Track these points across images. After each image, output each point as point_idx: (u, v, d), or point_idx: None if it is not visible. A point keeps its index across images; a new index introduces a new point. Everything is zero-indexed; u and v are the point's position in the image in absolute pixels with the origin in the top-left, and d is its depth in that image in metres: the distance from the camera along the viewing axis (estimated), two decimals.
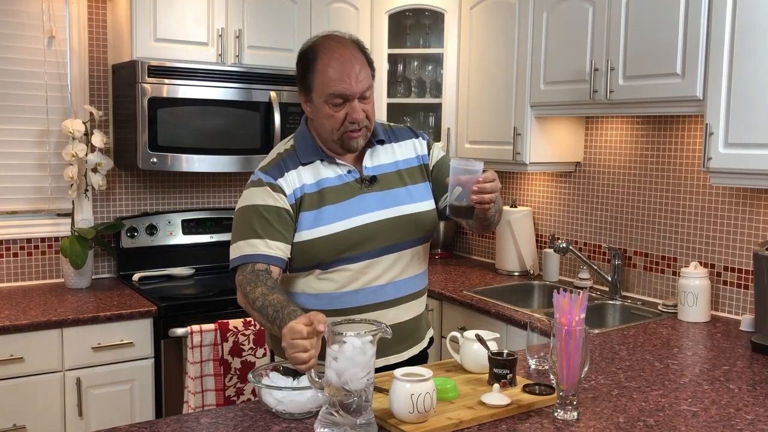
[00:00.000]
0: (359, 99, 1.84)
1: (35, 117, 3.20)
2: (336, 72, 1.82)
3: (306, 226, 1.87)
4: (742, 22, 2.28)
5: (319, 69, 1.84)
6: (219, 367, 2.71)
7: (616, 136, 3.20)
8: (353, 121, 1.84)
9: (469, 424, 1.61)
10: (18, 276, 3.21)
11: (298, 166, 1.90)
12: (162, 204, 3.52)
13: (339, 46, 1.86)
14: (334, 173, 1.92)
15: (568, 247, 3.11)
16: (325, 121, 1.87)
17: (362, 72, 1.84)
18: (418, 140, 2.06)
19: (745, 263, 2.71)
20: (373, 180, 1.94)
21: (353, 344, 1.44)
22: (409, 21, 3.71)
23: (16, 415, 2.62)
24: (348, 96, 1.83)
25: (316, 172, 1.91)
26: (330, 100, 1.84)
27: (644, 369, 2.09)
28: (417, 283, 2.03)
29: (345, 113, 1.84)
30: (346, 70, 1.82)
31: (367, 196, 1.91)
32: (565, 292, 1.64)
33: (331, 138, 1.89)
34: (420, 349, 2.07)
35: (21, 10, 3.14)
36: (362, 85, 1.83)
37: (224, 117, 3.17)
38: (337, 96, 1.83)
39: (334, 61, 1.83)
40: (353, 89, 1.82)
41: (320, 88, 1.84)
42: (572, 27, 2.91)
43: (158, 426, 1.61)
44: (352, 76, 1.82)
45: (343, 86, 1.82)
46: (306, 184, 1.89)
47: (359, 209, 1.90)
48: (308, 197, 1.88)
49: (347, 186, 1.92)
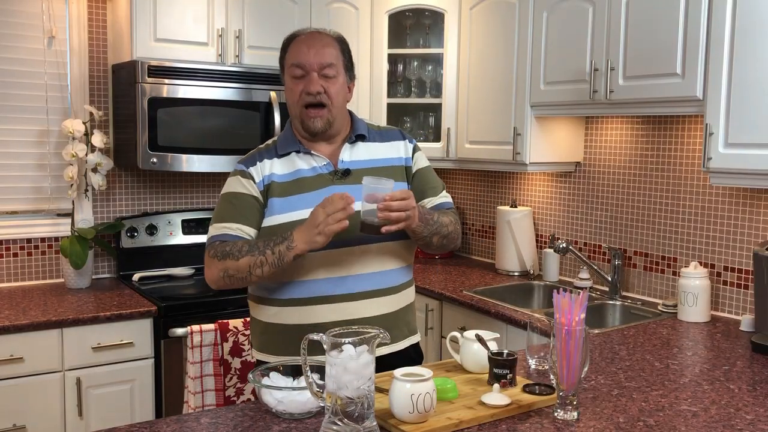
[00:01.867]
0: (320, 75, 1.93)
1: (35, 117, 3.20)
2: (299, 44, 1.95)
3: (275, 212, 1.94)
4: (742, 22, 2.28)
5: (290, 47, 1.98)
6: (219, 367, 2.72)
7: (616, 136, 3.20)
8: (309, 92, 1.92)
9: (469, 424, 1.61)
10: (18, 276, 3.21)
11: (273, 157, 1.99)
12: (162, 204, 3.52)
13: (314, 32, 1.99)
14: (308, 165, 1.99)
15: (568, 247, 3.11)
16: (288, 96, 1.98)
17: (326, 49, 1.94)
18: (405, 142, 2.10)
19: (745, 263, 2.71)
20: (346, 173, 1.98)
21: (347, 351, 1.44)
22: (409, 21, 3.71)
23: (16, 415, 2.62)
24: (305, 66, 1.92)
25: (291, 163, 1.99)
26: (291, 72, 1.95)
27: (644, 369, 2.09)
28: (388, 279, 1.99)
29: (302, 85, 1.93)
30: (307, 43, 1.94)
31: (336, 188, 1.92)
32: (565, 292, 1.64)
33: (295, 115, 1.98)
34: (390, 350, 2.00)
35: (21, 10, 3.14)
36: (322, 58, 1.93)
37: (224, 117, 3.17)
38: (297, 66, 1.93)
39: (302, 38, 1.97)
40: (310, 60, 1.92)
41: (286, 63, 1.98)
42: (572, 27, 2.91)
43: (158, 426, 1.61)
44: (312, 49, 1.93)
45: (301, 56, 1.93)
46: (276, 174, 1.97)
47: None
48: (277, 185, 1.95)
49: (319, 177, 1.97)
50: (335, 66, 1.95)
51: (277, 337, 1.96)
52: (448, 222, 2.02)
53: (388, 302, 2.00)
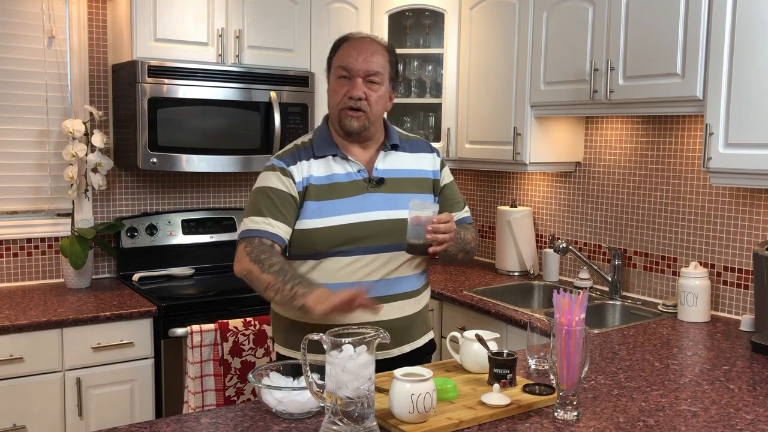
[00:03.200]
0: (364, 80, 1.96)
1: (35, 117, 3.20)
2: (351, 50, 1.98)
3: (309, 215, 1.96)
4: (742, 22, 2.28)
5: (339, 50, 2.02)
6: (219, 367, 2.72)
7: (616, 136, 3.20)
8: (351, 96, 1.96)
9: (469, 424, 1.61)
10: (18, 276, 3.21)
11: (310, 158, 2.01)
12: (162, 204, 3.52)
13: (367, 37, 2.03)
14: (343, 170, 2.01)
15: (568, 247, 3.11)
16: (330, 96, 2.02)
17: (374, 57, 1.97)
18: (434, 156, 2.17)
19: (745, 263, 2.71)
20: (380, 181, 2.03)
21: (347, 351, 1.44)
22: (409, 21, 3.71)
23: (16, 415, 2.62)
24: (351, 70, 1.96)
25: (328, 166, 2.01)
26: (337, 72, 1.98)
27: (644, 369, 2.09)
28: (411, 284, 2.06)
29: (346, 89, 1.97)
30: (358, 48, 1.97)
31: (371, 196, 2.00)
32: (565, 292, 1.64)
33: (334, 115, 2.01)
34: (411, 348, 2.09)
35: (21, 10, 3.14)
36: (369, 65, 1.96)
37: (224, 117, 3.17)
38: (343, 68, 1.97)
39: (353, 43, 2.00)
40: (357, 65, 1.95)
41: (335, 65, 2.01)
42: (572, 27, 2.91)
43: (158, 426, 1.61)
44: (360, 55, 1.96)
45: (349, 60, 1.96)
46: (314, 176, 1.99)
47: (362, 207, 1.97)
48: (314, 188, 1.97)
49: (354, 183, 2.00)
50: (381, 75, 1.99)
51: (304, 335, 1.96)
52: (471, 239, 2.13)
53: (410, 304, 2.07)
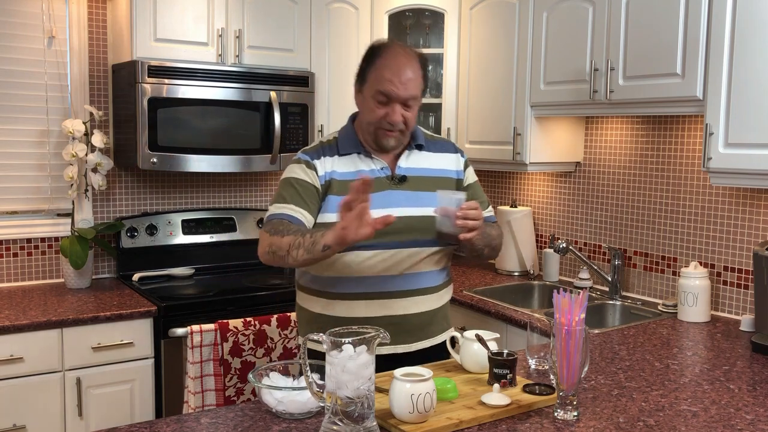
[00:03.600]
0: (402, 104, 1.98)
1: (35, 117, 3.20)
2: (390, 73, 1.96)
3: (332, 209, 1.98)
4: (742, 22, 2.28)
5: (377, 65, 1.99)
6: (219, 367, 2.72)
7: (616, 136, 3.20)
8: (390, 122, 1.98)
9: (469, 424, 1.61)
10: (18, 276, 3.21)
11: (335, 155, 2.06)
12: (162, 204, 3.52)
13: (402, 52, 2.01)
14: (367, 167, 2.06)
15: (568, 247, 3.11)
16: (367, 113, 2.03)
17: (413, 81, 1.98)
18: (458, 156, 2.20)
19: (745, 263, 2.71)
20: (402, 179, 2.07)
21: (347, 351, 1.44)
22: (409, 21, 3.71)
23: (16, 415, 2.62)
24: (393, 97, 1.97)
25: (352, 163, 2.05)
26: (376, 96, 1.98)
27: (644, 369, 2.09)
28: (431, 280, 2.09)
29: (385, 112, 1.98)
30: (399, 73, 1.95)
31: (394, 193, 2.03)
32: (565, 292, 1.64)
33: (368, 131, 2.04)
34: (431, 344, 2.11)
35: (21, 10, 3.14)
36: (409, 91, 1.97)
37: (224, 117, 3.17)
38: (383, 94, 1.97)
39: (392, 62, 1.97)
40: (399, 93, 1.96)
41: (372, 83, 1.99)
42: (572, 27, 2.91)
43: (158, 426, 1.61)
44: (402, 81, 1.96)
45: (391, 87, 1.95)
46: (337, 171, 2.03)
47: (384, 203, 1.99)
48: (337, 183, 2.01)
49: (377, 180, 2.02)
50: (417, 97, 2.02)
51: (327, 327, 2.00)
52: (496, 234, 2.17)
53: (430, 300, 2.10)
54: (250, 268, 3.62)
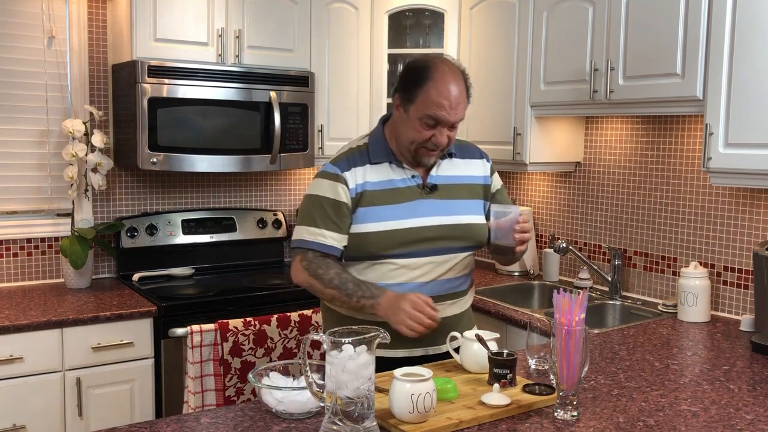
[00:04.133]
0: (449, 127, 1.98)
1: (35, 117, 3.20)
2: (442, 98, 1.93)
3: (365, 220, 2.00)
4: (742, 22, 2.28)
5: (428, 88, 1.94)
6: (219, 367, 2.72)
7: (616, 136, 3.20)
8: (437, 143, 1.98)
9: (469, 424, 1.61)
10: (18, 276, 3.21)
11: (366, 164, 2.04)
12: (162, 204, 3.52)
13: (452, 75, 1.97)
14: (399, 176, 2.05)
15: (568, 247, 3.11)
16: (411, 132, 1.99)
17: (461, 105, 1.98)
18: (483, 161, 2.21)
19: (745, 263, 2.71)
20: (433, 188, 2.07)
21: (347, 351, 1.44)
22: (409, 21, 3.71)
23: (16, 415, 2.62)
24: (442, 122, 1.96)
25: (384, 172, 2.05)
26: (425, 120, 1.96)
27: (644, 369, 2.09)
28: (459, 285, 2.12)
29: (432, 134, 1.97)
30: (450, 100, 1.94)
31: (425, 202, 2.04)
32: (565, 292, 1.64)
33: (408, 148, 2.02)
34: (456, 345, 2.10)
35: (21, 10, 3.14)
36: (458, 117, 1.98)
37: (224, 117, 3.17)
38: (433, 119, 1.95)
39: (444, 88, 1.94)
40: (449, 119, 1.96)
41: (421, 105, 1.95)
42: (572, 27, 2.91)
43: (158, 426, 1.61)
44: (453, 107, 1.95)
45: (443, 113, 1.94)
46: (369, 182, 2.02)
47: (416, 212, 2.02)
48: (369, 194, 2.01)
49: (409, 189, 2.04)
50: (463, 117, 2.02)
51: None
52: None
53: (458, 304, 2.13)
54: (250, 268, 3.63)
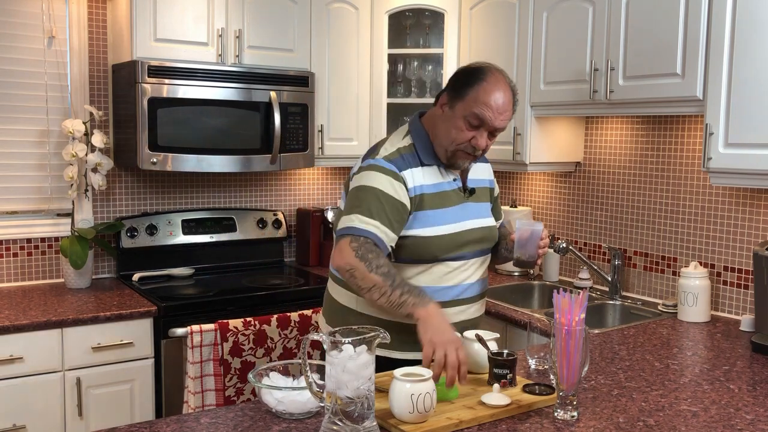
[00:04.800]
0: (489, 132, 2.00)
1: (35, 117, 3.20)
2: (492, 100, 1.95)
3: (425, 224, 1.99)
4: (742, 22, 2.28)
5: (481, 87, 1.97)
6: (219, 367, 2.72)
7: (616, 136, 3.20)
8: (475, 146, 1.99)
9: (469, 424, 1.61)
10: (18, 276, 3.21)
11: (418, 165, 2.02)
12: (162, 204, 3.52)
13: (504, 83, 2.00)
14: (446, 179, 2.07)
15: (568, 247, 3.11)
16: (453, 130, 1.99)
17: (507, 113, 2.00)
18: (488, 165, 2.26)
19: (745, 263, 2.71)
20: (472, 192, 2.13)
21: (347, 351, 1.44)
22: (409, 21, 3.71)
23: (16, 415, 2.62)
24: (486, 124, 1.97)
25: (434, 175, 2.04)
26: (470, 118, 1.96)
27: (644, 369, 2.09)
28: (479, 288, 2.15)
29: (472, 135, 1.98)
30: (500, 103, 1.96)
31: (468, 205, 2.10)
32: (565, 292, 1.64)
33: (445, 147, 2.01)
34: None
35: (21, 10, 3.14)
36: (502, 123, 1.99)
37: (224, 117, 3.17)
38: (479, 118, 1.96)
39: (496, 91, 1.97)
40: (494, 123, 1.97)
41: (470, 103, 1.96)
42: (572, 27, 2.91)
43: (158, 426, 1.61)
44: (500, 112, 1.97)
45: (489, 114, 1.95)
46: (425, 185, 2.01)
47: (464, 215, 2.06)
48: (428, 197, 2.00)
49: (455, 193, 2.07)
50: (505, 129, 2.04)
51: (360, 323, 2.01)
52: None
53: (478, 307, 2.15)
54: (250, 268, 3.63)
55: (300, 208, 3.83)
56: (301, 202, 3.89)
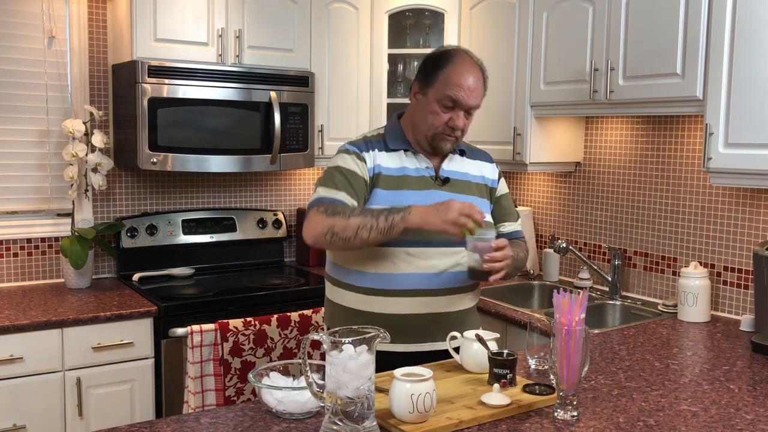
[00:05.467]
0: (465, 111, 2.05)
1: (35, 117, 3.20)
2: (463, 80, 2.02)
3: (379, 203, 2.02)
4: (742, 22, 2.28)
5: (448, 70, 2.03)
6: (219, 367, 2.72)
7: (616, 136, 3.20)
8: (453, 126, 2.04)
9: (469, 424, 1.61)
10: (18, 276, 3.21)
11: (382, 150, 2.10)
12: (162, 204, 3.52)
13: (471, 62, 2.07)
14: (413, 165, 2.10)
15: (568, 247, 3.11)
16: (429, 116, 2.05)
17: (479, 89, 2.06)
18: (493, 166, 2.26)
19: (745, 263, 2.71)
20: (446, 180, 2.12)
21: (347, 351, 1.44)
22: (409, 21, 3.71)
23: (16, 415, 2.62)
24: (460, 104, 2.03)
25: (399, 159, 2.10)
26: (443, 101, 2.03)
27: (644, 369, 2.09)
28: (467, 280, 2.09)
29: (449, 117, 2.04)
30: (470, 82, 2.03)
31: (437, 192, 2.08)
32: (565, 292, 1.64)
33: (425, 134, 2.07)
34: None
35: (21, 10, 3.14)
36: (475, 101, 2.05)
37: (224, 117, 3.17)
38: (452, 99, 2.02)
39: (464, 71, 2.04)
40: (468, 101, 2.03)
41: (441, 87, 2.03)
42: (572, 27, 2.91)
43: (158, 426, 1.61)
44: (472, 90, 2.03)
45: (462, 94, 2.02)
46: (383, 166, 2.06)
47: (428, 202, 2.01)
48: (384, 177, 2.05)
49: (423, 179, 2.09)
50: (479, 106, 2.09)
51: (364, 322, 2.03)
52: (523, 257, 2.20)
53: (466, 299, 2.13)
54: (250, 268, 3.63)
55: (300, 208, 3.84)
56: (301, 202, 3.89)
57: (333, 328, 2.13)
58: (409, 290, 2.03)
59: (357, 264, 2.06)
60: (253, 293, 3.14)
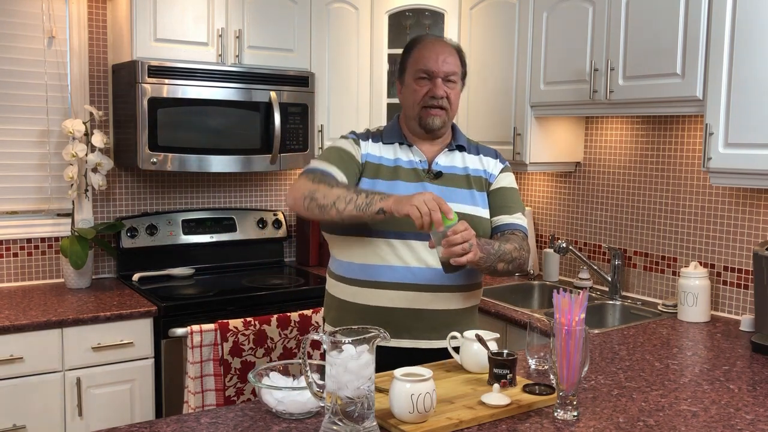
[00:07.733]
0: (444, 80, 2.07)
1: (35, 117, 3.20)
2: (427, 52, 2.09)
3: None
4: (742, 22, 2.28)
5: (416, 50, 2.12)
6: (219, 367, 2.72)
7: (616, 136, 3.20)
8: (433, 95, 2.06)
9: (469, 424, 1.61)
10: (18, 276, 3.21)
11: (378, 142, 2.14)
12: (162, 204, 3.52)
13: (441, 41, 2.15)
14: (406, 157, 2.12)
15: (568, 247, 3.11)
16: (410, 96, 2.11)
17: (450, 58, 2.09)
18: (496, 161, 2.22)
19: (745, 263, 2.71)
20: (438, 174, 2.11)
21: (348, 351, 1.44)
22: (409, 21, 3.71)
23: (16, 415, 2.62)
24: (432, 72, 2.06)
25: (393, 151, 2.13)
26: (417, 75, 2.08)
27: (644, 369, 2.09)
28: (461, 278, 2.05)
29: (428, 88, 2.07)
30: (435, 52, 2.08)
31: (428, 185, 2.08)
32: (565, 292, 1.64)
33: (413, 116, 2.10)
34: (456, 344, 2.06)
35: (21, 10, 3.14)
36: (447, 66, 2.07)
37: (224, 117, 3.17)
38: (423, 71, 2.07)
39: (428, 45, 2.11)
40: (438, 67, 2.06)
41: (411, 67, 2.11)
42: (572, 27, 2.91)
43: (158, 426, 1.61)
44: (439, 58, 2.07)
45: (430, 63, 2.06)
46: (375, 155, 2.11)
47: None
48: (370, 165, 2.09)
49: (414, 171, 2.10)
50: (456, 74, 2.10)
51: (353, 315, 2.06)
52: (512, 248, 2.03)
53: (457, 299, 2.08)
54: (250, 268, 3.63)
55: None
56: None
57: (328, 318, 2.18)
58: (391, 283, 2.01)
59: (346, 255, 2.07)
60: (253, 293, 3.14)
